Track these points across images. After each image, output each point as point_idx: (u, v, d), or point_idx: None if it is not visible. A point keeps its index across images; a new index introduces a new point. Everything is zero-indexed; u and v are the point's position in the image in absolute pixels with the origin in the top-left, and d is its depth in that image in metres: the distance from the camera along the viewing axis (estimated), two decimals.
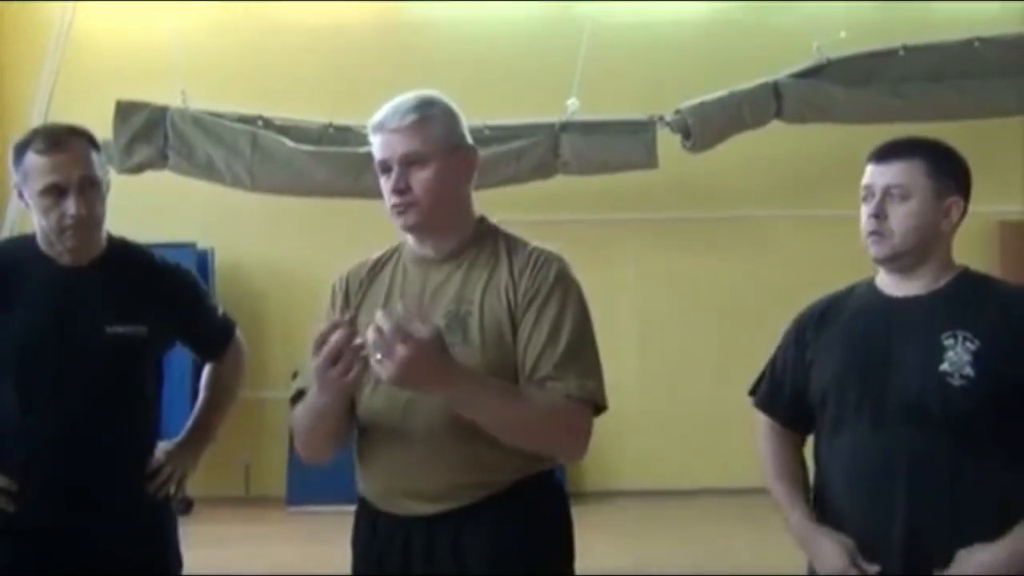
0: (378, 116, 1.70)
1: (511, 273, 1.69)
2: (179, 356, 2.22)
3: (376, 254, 1.82)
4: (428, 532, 1.67)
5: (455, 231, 1.73)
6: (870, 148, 1.83)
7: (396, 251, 1.80)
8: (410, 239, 1.76)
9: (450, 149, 1.70)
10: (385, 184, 1.70)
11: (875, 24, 5.80)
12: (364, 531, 1.76)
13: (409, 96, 1.71)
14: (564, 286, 1.68)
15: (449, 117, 1.72)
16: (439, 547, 1.66)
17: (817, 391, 1.83)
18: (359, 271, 1.80)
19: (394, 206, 1.69)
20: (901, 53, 5.54)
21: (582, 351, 1.65)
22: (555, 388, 1.62)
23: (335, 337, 1.51)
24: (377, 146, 1.71)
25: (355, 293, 1.77)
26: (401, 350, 1.45)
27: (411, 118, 1.67)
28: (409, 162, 1.67)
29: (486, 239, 1.75)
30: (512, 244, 1.74)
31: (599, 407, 1.66)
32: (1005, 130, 5.59)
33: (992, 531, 1.68)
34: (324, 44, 5.90)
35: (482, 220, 1.78)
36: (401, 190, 1.67)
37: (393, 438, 1.67)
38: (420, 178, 1.67)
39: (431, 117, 1.69)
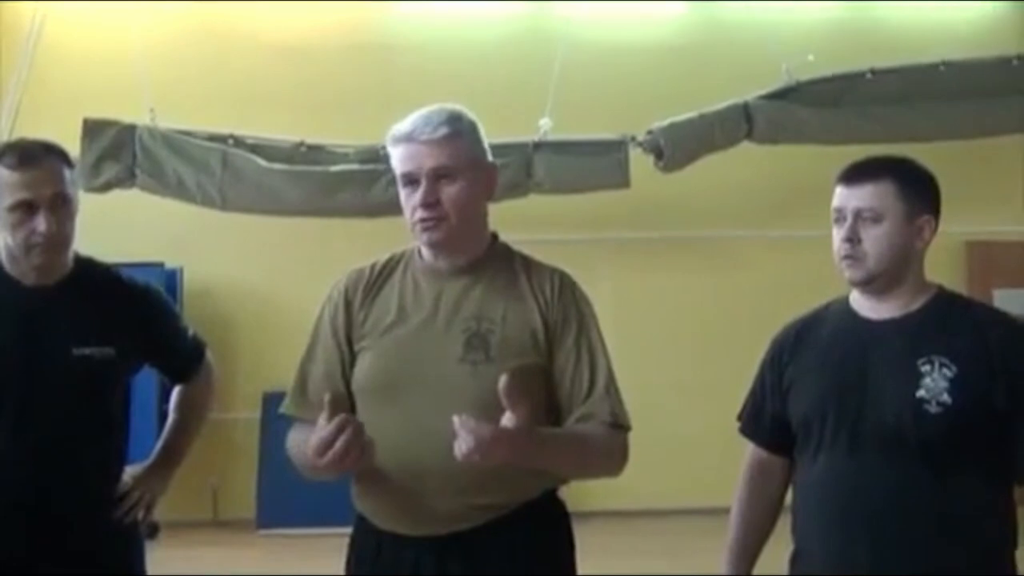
0: (405, 126, 1.66)
1: (535, 295, 1.69)
2: (145, 378, 2.18)
3: (374, 261, 1.78)
4: (439, 554, 1.64)
5: (472, 247, 1.71)
6: (840, 168, 1.84)
7: (400, 260, 1.77)
8: (424, 252, 1.73)
9: (476, 164, 1.69)
10: (409, 197, 1.66)
11: (842, 48, 5.88)
12: (365, 552, 1.72)
13: (438, 108, 1.69)
14: (590, 312, 1.72)
15: (474, 132, 1.71)
16: (451, 569, 1.64)
17: (795, 416, 1.83)
18: (358, 282, 1.75)
19: (422, 220, 1.65)
20: (869, 76, 5.63)
21: (613, 378, 1.71)
22: (601, 418, 1.66)
23: (340, 444, 1.49)
24: (401, 157, 1.66)
25: (358, 306, 1.73)
26: (493, 436, 1.45)
27: (443, 131, 1.64)
28: (439, 176, 1.64)
29: (500, 256, 1.74)
30: (528, 264, 1.74)
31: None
32: (970, 151, 5.68)
33: (967, 559, 1.68)
34: (295, 62, 5.87)
35: (495, 237, 1.77)
36: (431, 204, 1.64)
37: (406, 457, 1.64)
38: (449, 193, 1.64)
39: (460, 131, 1.67)
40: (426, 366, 1.65)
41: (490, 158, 1.74)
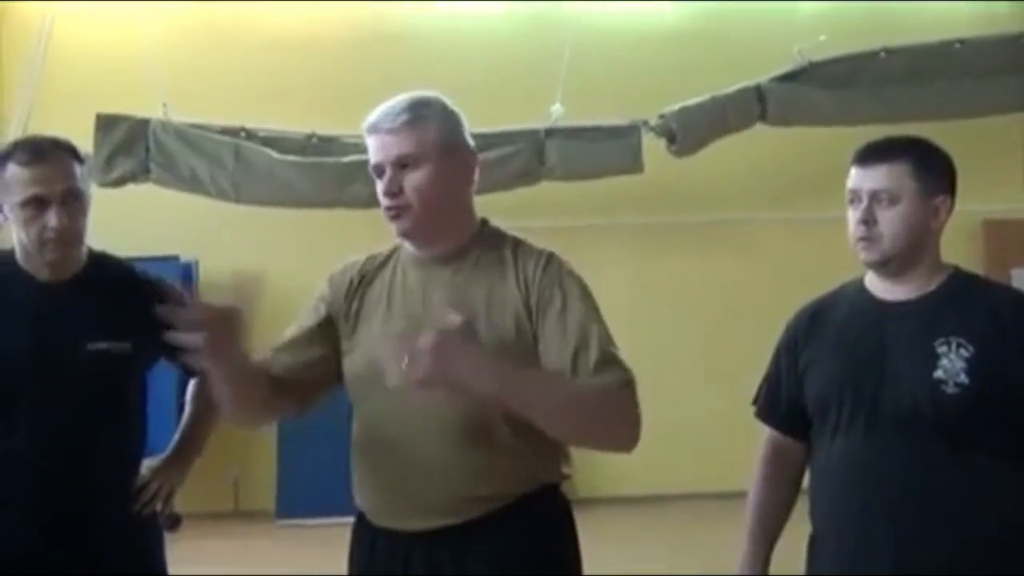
0: (371, 118, 1.66)
1: (518, 278, 1.64)
2: (163, 371, 2.18)
3: (366, 254, 1.78)
4: (429, 550, 1.61)
5: (453, 234, 1.68)
6: (854, 149, 1.83)
7: (394, 252, 1.76)
8: (406, 243, 1.72)
9: (445, 150, 1.65)
10: (379, 188, 1.66)
11: (854, 27, 5.83)
12: (362, 549, 1.71)
13: (403, 97, 1.67)
14: (578, 289, 1.63)
15: (445, 117, 1.68)
16: (442, 566, 1.61)
17: (811, 398, 1.82)
18: (348, 271, 1.76)
19: (386, 209, 1.64)
20: (882, 55, 5.57)
21: (611, 347, 1.61)
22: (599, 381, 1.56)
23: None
24: (371, 149, 1.66)
25: (346, 295, 1.73)
26: (427, 340, 1.40)
27: (404, 119, 1.63)
28: (402, 164, 1.63)
29: (488, 242, 1.70)
30: (518, 247, 1.69)
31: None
32: (986, 129, 5.62)
33: (986, 541, 1.66)
34: (307, 55, 5.88)
35: (484, 223, 1.74)
36: (393, 193, 1.62)
37: (395, 448, 1.63)
38: (413, 180, 1.62)
39: (425, 117, 1.64)
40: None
41: (468, 142, 1.70)
